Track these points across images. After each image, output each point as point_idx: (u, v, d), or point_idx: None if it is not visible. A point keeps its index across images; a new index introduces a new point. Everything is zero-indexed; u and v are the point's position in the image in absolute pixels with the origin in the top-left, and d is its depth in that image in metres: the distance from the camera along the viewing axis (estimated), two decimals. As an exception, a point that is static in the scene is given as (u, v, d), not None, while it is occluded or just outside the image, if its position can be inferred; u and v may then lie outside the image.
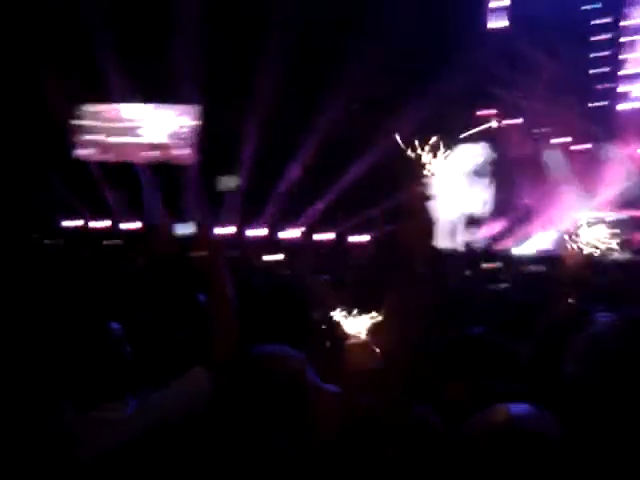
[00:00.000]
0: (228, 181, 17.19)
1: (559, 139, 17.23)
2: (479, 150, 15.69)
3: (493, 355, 2.96)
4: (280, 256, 10.39)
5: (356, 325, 2.98)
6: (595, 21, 17.70)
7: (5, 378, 2.13)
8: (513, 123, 17.19)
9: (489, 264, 8.79)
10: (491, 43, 16.58)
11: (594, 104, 17.48)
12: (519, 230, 16.33)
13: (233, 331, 2.67)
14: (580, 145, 17.23)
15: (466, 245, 13.53)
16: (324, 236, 16.57)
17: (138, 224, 16.04)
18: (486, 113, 17.21)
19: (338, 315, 3.10)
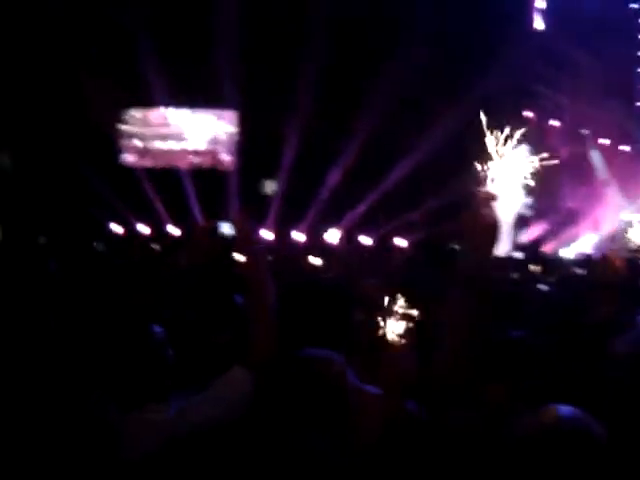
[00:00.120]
0: (269, 185, 17.26)
1: (603, 140, 16.98)
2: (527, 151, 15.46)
3: (534, 358, 2.95)
4: (321, 259, 10.39)
5: (397, 327, 2.98)
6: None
7: (53, 378, 2.18)
8: (556, 124, 17.00)
9: (535, 267, 8.71)
10: (535, 43, 16.41)
11: (639, 104, 17.20)
12: (564, 232, 16.13)
13: (271, 333, 2.69)
14: (624, 146, 16.96)
15: (516, 247, 13.42)
16: (365, 239, 16.53)
17: (181, 229, 16.16)
18: (530, 114, 17.04)
19: (380, 317, 3.11)
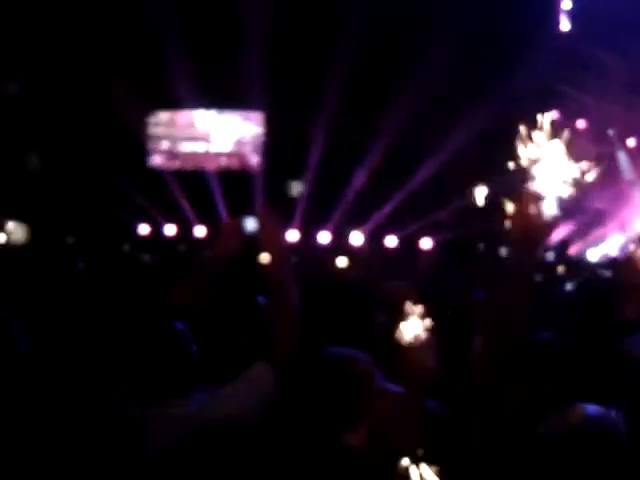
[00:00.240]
0: (295, 186, 17.27)
1: (629, 140, 16.81)
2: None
3: (559, 359, 2.94)
4: (346, 260, 10.39)
5: (419, 327, 2.97)
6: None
7: (81, 376, 2.20)
8: (582, 124, 16.86)
9: (560, 267, 8.67)
10: (561, 44, 16.30)
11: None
12: (590, 233, 16.00)
13: (294, 333, 2.70)
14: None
15: (544, 248, 13.31)
16: (391, 240, 16.50)
17: (207, 229, 16.22)
18: (556, 114, 16.91)
19: (403, 317, 3.10)
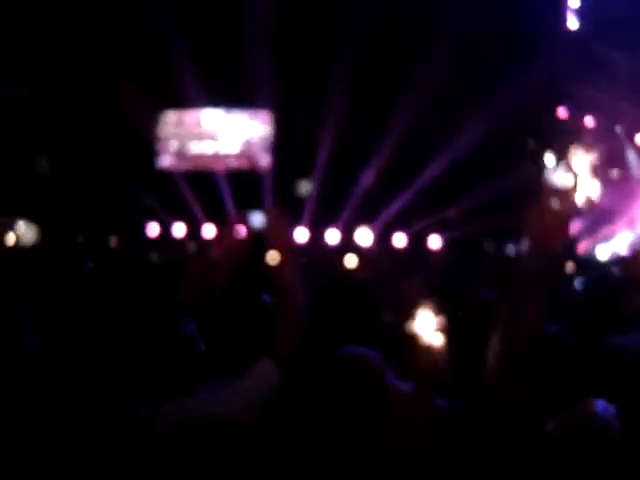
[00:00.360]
0: (303, 185, 17.25)
1: (638, 137, 16.75)
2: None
3: (569, 354, 2.95)
4: (356, 260, 10.41)
5: (429, 325, 2.98)
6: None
7: (92, 376, 2.22)
8: (591, 121, 16.82)
9: (569, 265, 8.65)
10: (569, 42, 16.27)
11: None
12: (599, 231, 15.94)
13: (299, 331, 2.72)
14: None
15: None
16: (400, 239, 16.47)
17: (215, 229, 16.23)
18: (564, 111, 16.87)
19: (413, 316, 3.10)
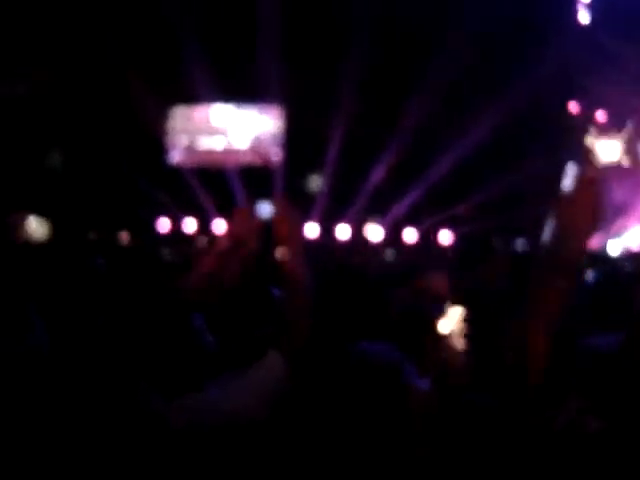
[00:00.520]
0: (313, 180, 17.26)
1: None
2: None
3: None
4: (365, 255, 10.42)
5: (448, 320, 2.98)
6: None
7: (102, 372, 2.23)
8: (601, 115, 16.75)
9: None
10: (579, 36, 16.21)
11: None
12: (610, 225, 15.89)
13: (306, 324, 2.72)
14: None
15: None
16: (410, 234, 16.47)
17: (225, 225, 16.25)
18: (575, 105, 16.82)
19: (434, 310, 3.10)
